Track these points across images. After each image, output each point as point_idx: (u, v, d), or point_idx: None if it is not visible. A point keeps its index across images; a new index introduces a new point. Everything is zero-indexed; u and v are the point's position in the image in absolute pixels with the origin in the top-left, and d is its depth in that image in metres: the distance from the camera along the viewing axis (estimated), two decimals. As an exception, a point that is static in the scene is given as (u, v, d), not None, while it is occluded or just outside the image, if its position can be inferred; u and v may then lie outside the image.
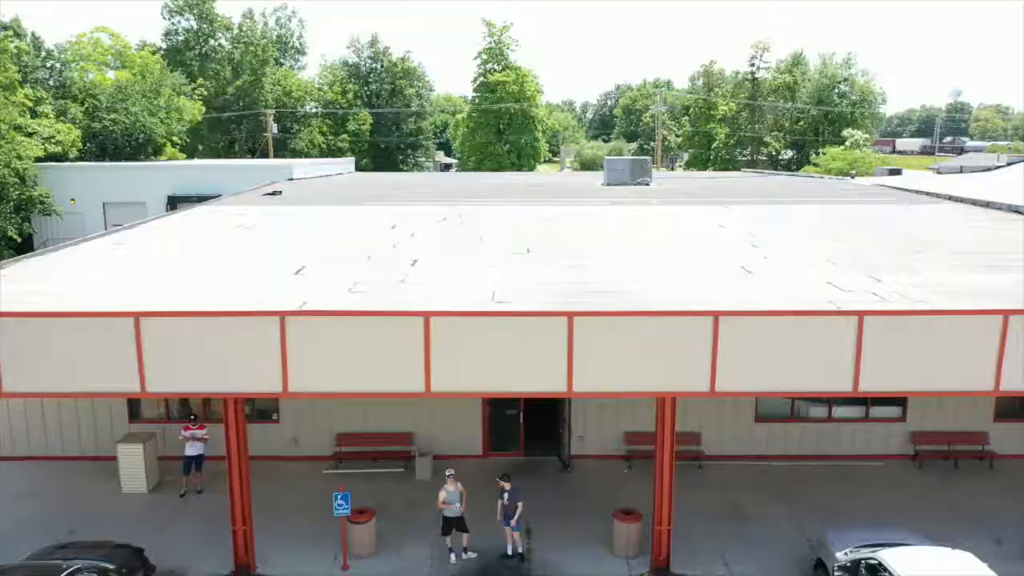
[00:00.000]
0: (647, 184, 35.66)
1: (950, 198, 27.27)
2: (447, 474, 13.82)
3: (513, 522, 13.64)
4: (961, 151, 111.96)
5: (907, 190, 32.03)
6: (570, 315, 12.36)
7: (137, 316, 11.89)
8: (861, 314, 12.24)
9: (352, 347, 12.30)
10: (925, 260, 15.85)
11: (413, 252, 16.86)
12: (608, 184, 35.73)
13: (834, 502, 15.85)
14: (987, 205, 24.81)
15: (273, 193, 31.85)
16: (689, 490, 15.70)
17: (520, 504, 13.68)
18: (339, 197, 30.73)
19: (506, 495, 13.70)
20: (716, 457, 17.77)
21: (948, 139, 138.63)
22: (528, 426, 18.38)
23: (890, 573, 10.94)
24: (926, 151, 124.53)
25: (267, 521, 14.99)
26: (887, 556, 11.29)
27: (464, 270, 15.25)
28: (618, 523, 13.95)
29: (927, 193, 29.74)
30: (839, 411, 17.97)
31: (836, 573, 11.76)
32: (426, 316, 12.34)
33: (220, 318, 12.38)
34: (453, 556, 13.83)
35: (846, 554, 12.02)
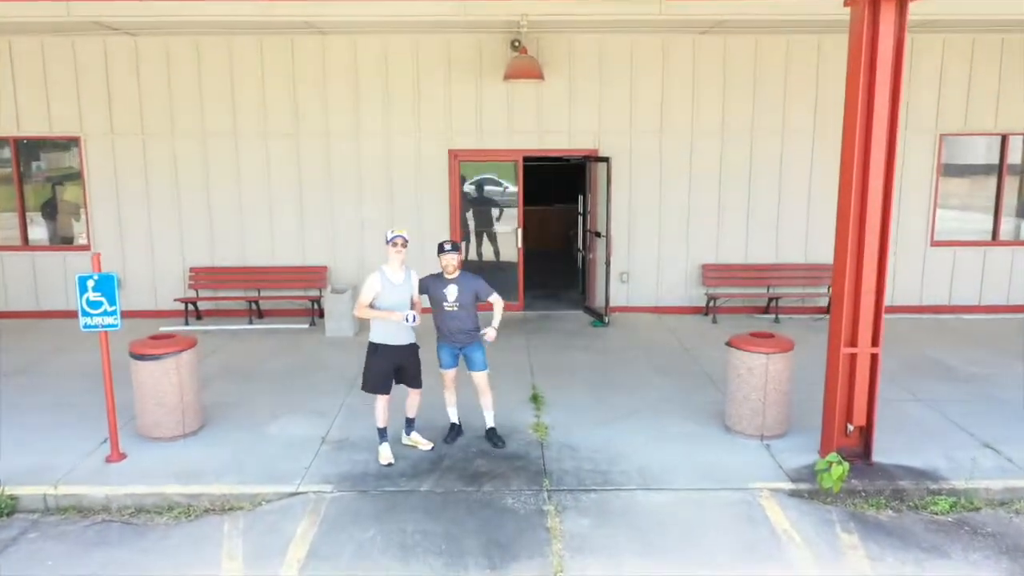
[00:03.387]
0: None
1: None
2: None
3: (488, 335, 5.75)
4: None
5: None
6: None
7: None
8: None
9: None
10: None
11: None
12: None
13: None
14: None
15: None
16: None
17: (497, 302, 5.82)
18: None
19: (452, 289, 5.77)
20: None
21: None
22: (531, 257, 10.75)
23: None
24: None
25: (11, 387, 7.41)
26: None
27: None
28: (740, 355, 6.24)
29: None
30: (1076, 228, 10.38)
31: None
32: None
33: None
34: (385, 448, 5.84)
35: None
